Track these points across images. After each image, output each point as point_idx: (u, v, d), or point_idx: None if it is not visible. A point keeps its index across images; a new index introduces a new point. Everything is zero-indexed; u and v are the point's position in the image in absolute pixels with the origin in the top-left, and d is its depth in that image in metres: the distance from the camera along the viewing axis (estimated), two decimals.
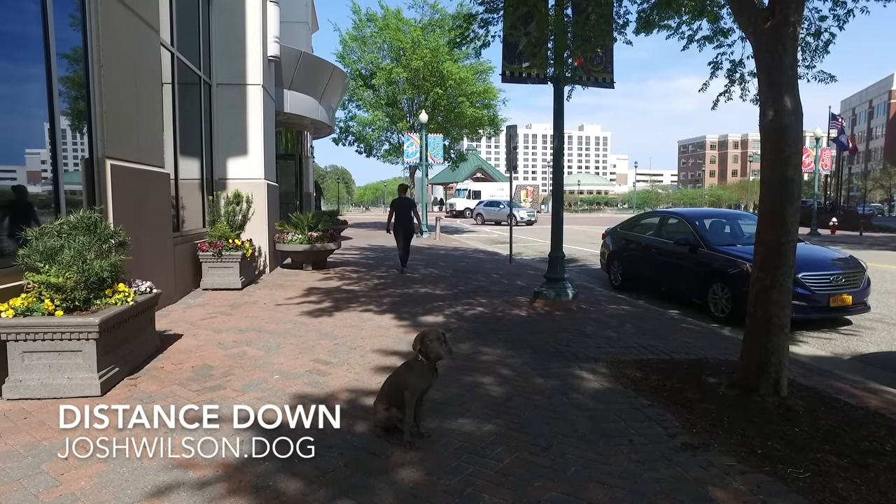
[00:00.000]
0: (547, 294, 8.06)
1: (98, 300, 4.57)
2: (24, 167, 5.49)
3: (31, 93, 5.38)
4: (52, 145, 5.37)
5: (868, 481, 3.10)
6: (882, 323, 7.87)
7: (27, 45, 5.30)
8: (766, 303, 4.28)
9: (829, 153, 30.87)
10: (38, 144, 5.45)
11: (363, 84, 26.00)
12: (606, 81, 8.82)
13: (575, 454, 3.43)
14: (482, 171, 61.96)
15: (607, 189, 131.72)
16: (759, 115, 4.40)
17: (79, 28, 5.69)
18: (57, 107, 5.33)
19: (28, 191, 5.45)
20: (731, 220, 9.88)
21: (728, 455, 3.43)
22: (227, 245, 9.18)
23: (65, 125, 5.61)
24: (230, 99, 10.93)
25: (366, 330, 6.47)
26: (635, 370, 5.07)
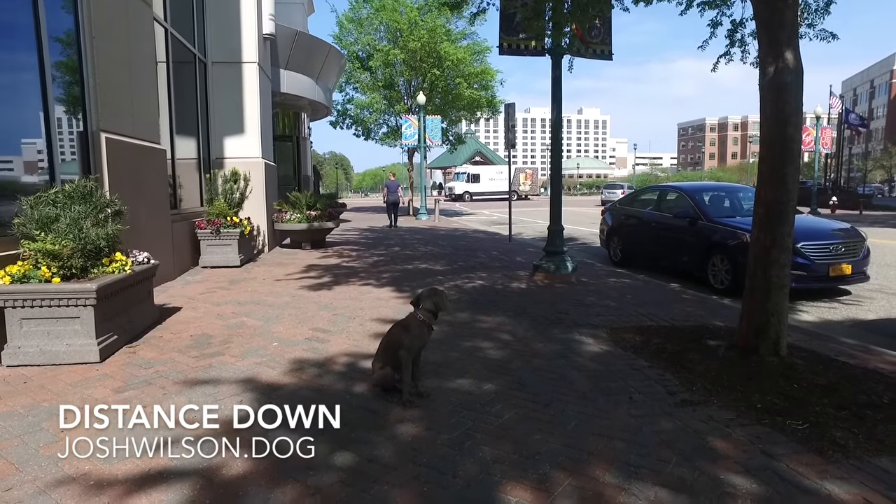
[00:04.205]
0: (547, 267, 8.05)
1: (95, 269, 4.55)
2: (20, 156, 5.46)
3: (21, 46, 5.30)
4: (46, 117, 5.31)
5: (865, 430, 3.11)
6: (881, 293, 7.87)
7: (18, 2, 5.21)
8: (766, 263, 4.26)
9: (829, 132, 30.68)
10: (31, 118, 5.40)
11: (360, 66, 25.80)
12: (605, 53, 8.72)
13: (575, 410, 3.43)
14: (481, 155, 61.70)
15: (607, 172, 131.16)
16: (759, 74, 4.35)
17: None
18: (49, 78, 5.27)
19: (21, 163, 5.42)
20: (730, 193, 9.83)
21: (727, 410, 3.43)
22: (226, 223, 9.15)
23: (58, 94, 5.54)
24: (226, 77, 10.83)
25: (365, 302, 6.46)
26: (635, 335, 5.07)
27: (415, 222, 21.37)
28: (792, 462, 2.79)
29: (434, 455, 2.85)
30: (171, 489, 2.50)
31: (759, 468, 2.74)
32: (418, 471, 2.69)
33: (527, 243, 13.98)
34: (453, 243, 13.56)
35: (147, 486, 2.52)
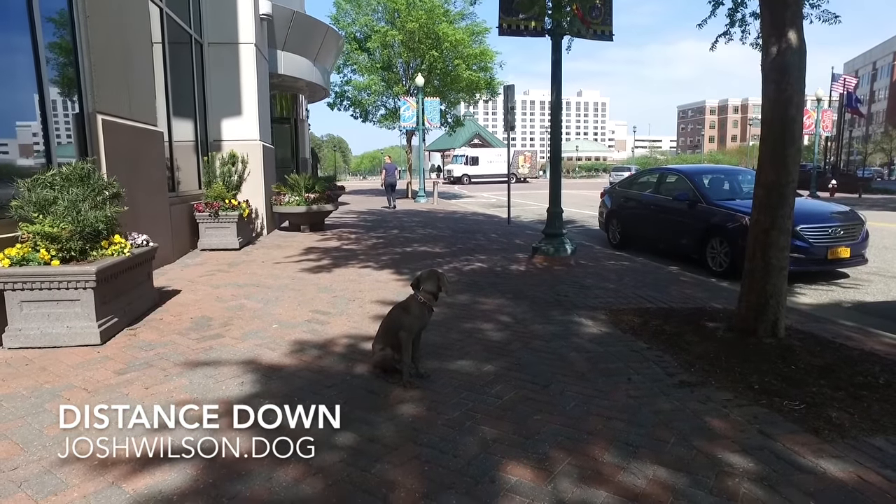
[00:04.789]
0: (546, 250, 8.05)
1: (94, 251, 4.54)
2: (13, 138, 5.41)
3: (14, 27, 5.22)
4: (41, 99, 5.26)
5: (861, 410, 3.15)
6: (879, 276, 7.89)
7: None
8: (766, 245, 4.26)
9: (830, 115, 30.47)
10: (25, 100, 5.34)
11: (358, 48, 25.46)
12: (605, 34, 8.62)
13: (574, 391, 3.46)
14: (480, 138, 61.25)
15: (606, 155, 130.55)
16: (762, 55, 4.31)
17: None
18: (43, 59, 5.21)
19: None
20: (729, 175, 9.79)
21: (725, 391, 3.46)
22: (224, 205, 9.12)
23: (53, 76, 5.48)
24: (222, 58, 10.71)
25: (364, 284, 6.48)
26: (634, 317, 5.09)
27: (413, 205, 21.32)
28: (788, 441, 2.82)
29: (434, 435, 2.88)
30: (174, 469, 2.52)
31: (756, 447, 2.77)
32: (419, 450, 2.72)
33: (525, 226, 13.97)
34: (452, 226, 13.54)
35: (151, 465, 2.54)
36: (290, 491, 2.38)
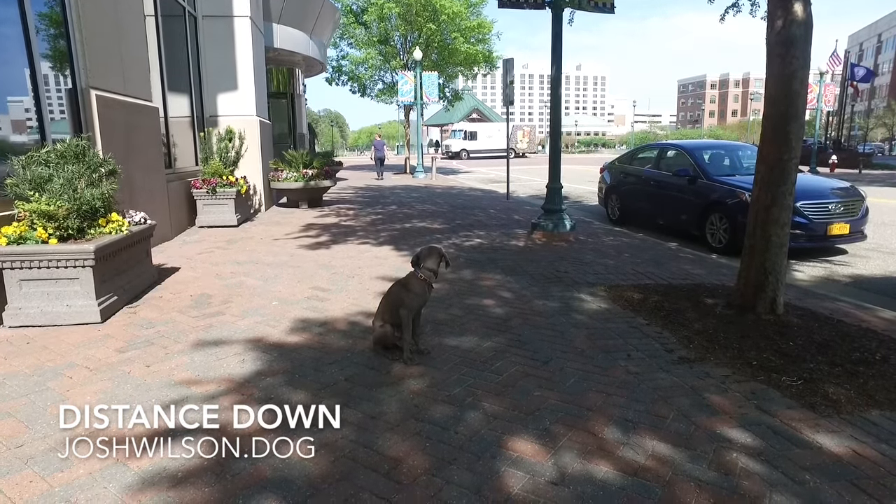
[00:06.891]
0: (545, 226, 8.04)
1: (92, 230, 4.52)
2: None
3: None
4: (32, 73, 5.17)
5: (857, 386, 3.18)
6: (878, 252, 7.90)
7: None
8: (766, 221, 4.25)
9: (832, 89, 30.16)
10: (16, 74, 5.25)
11: (355, 21, 24.99)
12: (607, 6, 8.46)
13: (574, 367, 3.48)
14: (478, 112, 60.72)
15: (605, 130, 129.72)
16: (767, 28, 4.23)
17: None
18: (33, 31, 5.10)
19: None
20: (730, 151, 9.72)
21: (724, 367, 3.49)
22: (222, 182, 9.06)
23: (44, 49, 5.38)
24: (217, 32, 10.51)
25: (364, 260, 6.47)
26: (633, 293, 5.11)
27: (411, 180, 21.21)
28: (786, 417, 2.85)
29: (435, 411, 2.91)
30: (179, 447, 2.54)
31: (754, 423, 2.80)
32: (420, 426, 2.74)
33: (524, 202, 13.91)
34: (451, 201, 13.49)
35: (156, 443, 2.56)
36: (294, 468, 2.40)
